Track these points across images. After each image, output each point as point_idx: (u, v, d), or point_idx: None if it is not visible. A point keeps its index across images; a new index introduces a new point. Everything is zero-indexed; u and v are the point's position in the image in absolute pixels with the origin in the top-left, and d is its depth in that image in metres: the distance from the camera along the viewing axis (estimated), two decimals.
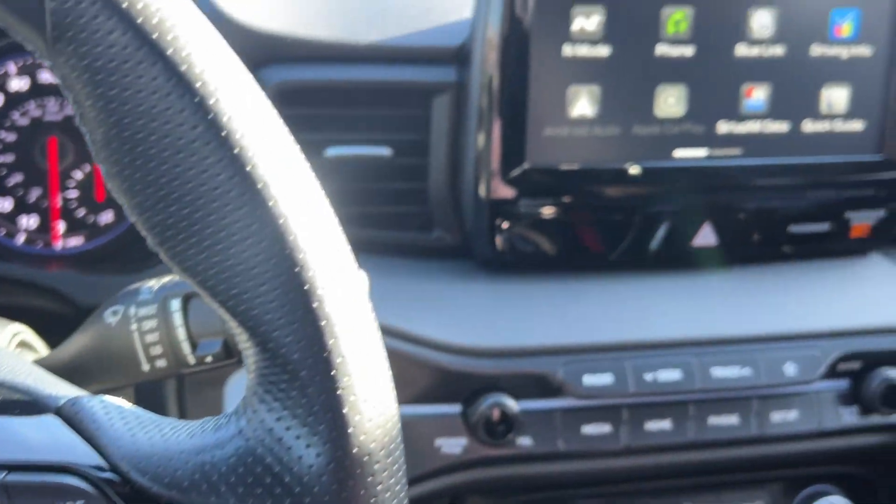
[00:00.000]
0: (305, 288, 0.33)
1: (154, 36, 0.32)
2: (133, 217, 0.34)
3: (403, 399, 0.79)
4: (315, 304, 0.33)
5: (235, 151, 0.33)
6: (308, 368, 0.33)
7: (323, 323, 0.33)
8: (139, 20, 0.32)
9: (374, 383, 0.35)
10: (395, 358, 0.79)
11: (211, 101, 0.33)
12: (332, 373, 0.34)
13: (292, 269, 0.33)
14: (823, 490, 0.93)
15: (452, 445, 0.80)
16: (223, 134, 0.33)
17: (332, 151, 0.82)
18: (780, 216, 0.88)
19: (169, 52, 0.32)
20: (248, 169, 0.33)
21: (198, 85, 0.32)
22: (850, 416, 0.87)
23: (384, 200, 0.86)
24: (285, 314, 0.33)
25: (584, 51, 0.80)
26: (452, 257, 0.87)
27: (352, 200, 0.85)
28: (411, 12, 0.84)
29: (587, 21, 0.79)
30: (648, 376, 0.82)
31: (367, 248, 0.87)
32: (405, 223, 0.86)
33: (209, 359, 0.56)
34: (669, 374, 0.82)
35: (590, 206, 0.84)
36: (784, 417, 0.85)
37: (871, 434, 0.89)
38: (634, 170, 0.83)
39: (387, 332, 0.79)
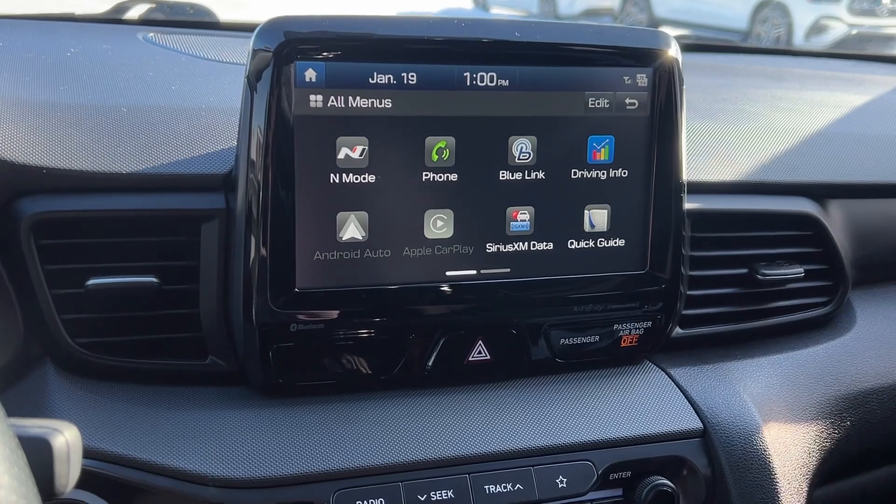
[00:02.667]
0: None
1: None
2: None
3: None
4: None
5: None
6: None
7: None
8: None
9: None
10: (160, 496, 0.77)
11: None
12: None
13: None
14: None
15: None
16: None
17: (95, 282, 0.80)
18: (551, 330, 0.92)
19: None
20: None
21: None
22: None
23: (154, 328, 0.84)
24: None
25: (350, 178, 0.82)
26: (228, 384, 0.86)
27: (121, 329, 0.84)
28: (178, 140, 0.85)
29: (352, 151, 0.82)
30: (422, 497, 0.82)
31: (141, 377, 0.85)
32: (178, 350, 0.85)
33: None
34: (443, 494, 0.83)
35: (363, 328, 0.85)
36: None
37: None
38: (407, 290, 0.85)
39: (150, 469, 0.78)
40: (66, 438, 0.54)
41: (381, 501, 0.81)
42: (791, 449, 0.97)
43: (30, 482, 0.43)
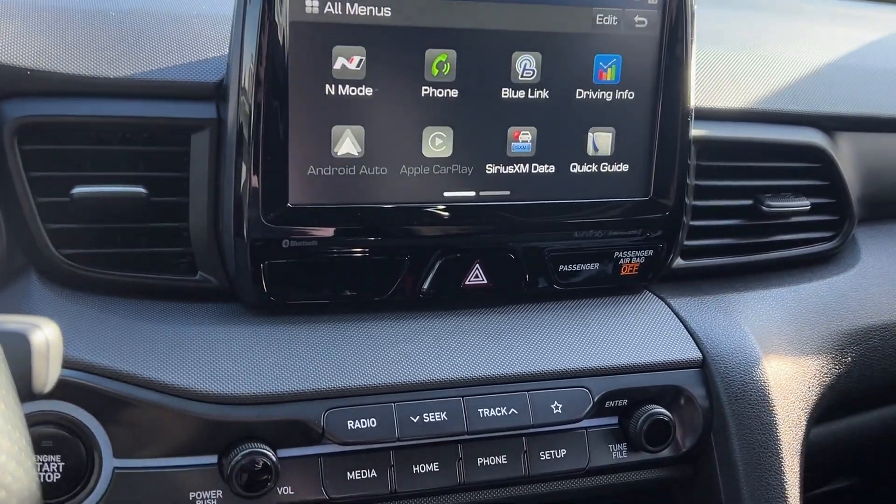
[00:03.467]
0: None
1: None
2: None
3: (156, 452, 0.76)
4: None
5: None
6: None
7: None
8: None
9: None
10: (146, 409, 0.76)
11: None
12: None
13: None
14: None
15: (208, 499, 0.76)
16: None
17: (81, 190, 0.77)
18: (550, 256, 0.89)
19: None
20: None
21: None
22: (618, 453, 0.88)
23: (142, 241, 0.82)
24: None
25: (347, 90, 0.79)
26: (219, 300, 0.84)
27: (107, 241, 0.81)
28: (168, 47, 0.82)
29: (348, 62, 0.79)
30: (414, 419, 0.81)
31: (128, 291, 0.83)
32: (167, 265, 0.83)
33: None
34: (436, 416, 0.81)
35: (357, 247, 0.83)
36: (553, 456, 0.86)
37: (640, 470, 0.90)
38: (403, 210, 0.83)
39: (136, 382, 0.76)
40: (45, 335, 0.52)
41: (373, 421, 0.79)
42: (791, 382, 0.95)
43: (3, 367, 0.41)
